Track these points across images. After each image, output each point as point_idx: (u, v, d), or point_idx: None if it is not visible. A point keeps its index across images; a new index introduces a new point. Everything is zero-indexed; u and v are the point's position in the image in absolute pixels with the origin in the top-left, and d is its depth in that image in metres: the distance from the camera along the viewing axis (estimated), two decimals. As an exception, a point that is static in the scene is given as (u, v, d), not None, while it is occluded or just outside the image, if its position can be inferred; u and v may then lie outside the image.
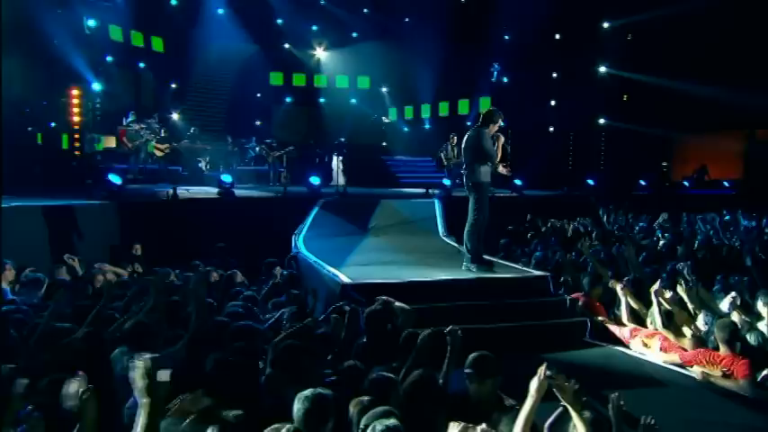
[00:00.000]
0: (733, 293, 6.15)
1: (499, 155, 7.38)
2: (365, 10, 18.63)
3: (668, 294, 6.34)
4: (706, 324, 5.86)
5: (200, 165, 16.54)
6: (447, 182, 14.65)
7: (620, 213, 14.44)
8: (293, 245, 9.27)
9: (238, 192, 12.19)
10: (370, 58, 20.37)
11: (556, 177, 18.05)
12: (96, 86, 14.09)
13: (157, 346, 4.11)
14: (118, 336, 4.20)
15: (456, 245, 8.93)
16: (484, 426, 2.75)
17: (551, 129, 20.18)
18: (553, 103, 19.97)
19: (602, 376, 5.59)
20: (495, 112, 7.44)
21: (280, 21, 19.27)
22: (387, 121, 20.24)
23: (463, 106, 19.72)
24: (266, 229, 10.13)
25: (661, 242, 10.93)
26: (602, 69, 19.76)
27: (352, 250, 8.35)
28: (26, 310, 5.08)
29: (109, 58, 17.87)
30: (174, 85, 19.23)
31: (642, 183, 18.05)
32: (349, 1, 18.48)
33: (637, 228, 12.96)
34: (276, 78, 20.72)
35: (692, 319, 6.22)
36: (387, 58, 20.05)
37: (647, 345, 6.09)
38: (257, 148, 18.57)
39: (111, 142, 16.10)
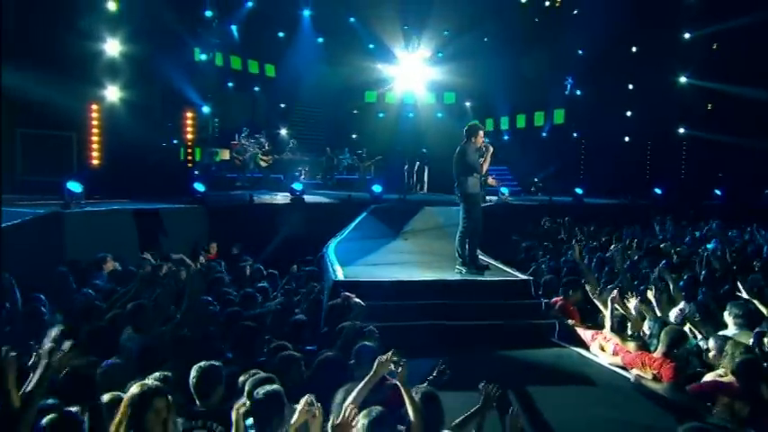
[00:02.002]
0: (682, 304, 6.03)
1: (486, 165, 7.59)
2: (445, 32, 19.00)
3: (633, 301, 6.31)
4: (650, 329, 5.81)
5: (296, 174, 17.91)
6: (505, 190, 14.74)
7: (672, 223, 13.63)
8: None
9: (315, 198, 13.24)
10: (455, 75, 20.70)
11: (627, 186, 17.32)
12: (206, 109, 15.82)
13: (152, 325, 4.97)
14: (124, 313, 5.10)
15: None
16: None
17: (627, 139, 19.28)
18: (629, 113, 19.07)
19: (544, 373, 5.80)
20: (476, 125, 7.66)
21: (371, 45, 20.17)
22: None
23: (539, 118, 19.52)
24: (324, 229, 10.99)
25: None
26: (683, 80, 18.56)
27: (374, 251, 8.93)
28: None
29: (230, 84, 19.91)
30: (282, 105, 20.85)
31: (717, 192, 16.80)
32: (430, 24, 18.96)
33: (687, 237, 12.28)
34: (370, 96, 21.74)
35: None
36: (470, 75, 20.26)
37: (603, 348, 6.15)
38: (350, 159, 19.73)
39: (225, 155, 17.93)
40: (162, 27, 13.29)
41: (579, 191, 15.21)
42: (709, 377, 5.12)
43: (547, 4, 19.09)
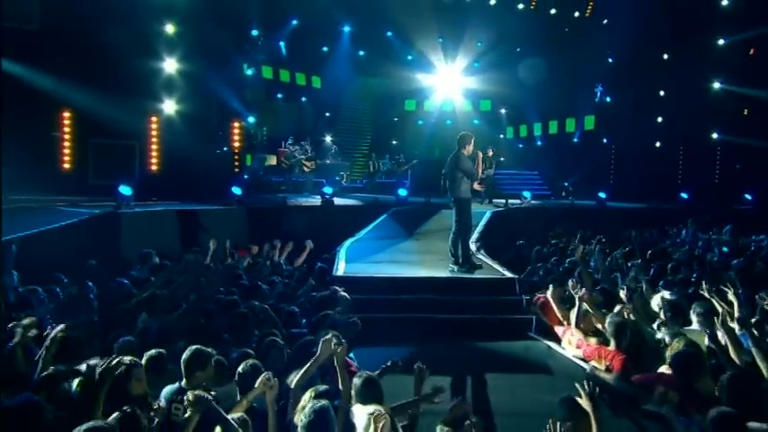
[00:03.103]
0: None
1: (479, 171, 7.97)
2: (478, 44, 19.25)
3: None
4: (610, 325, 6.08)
5: (336, 178, 18.64)
6: (527, 194, 14.89)
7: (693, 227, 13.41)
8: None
9: (345, 200, 13.91)
10: (490, 84, 20.91)
11: (656, 190, 17.06)
12: (251, 119, 16.80)
13: (163, 311, 5.71)
14: (140, 301, 5.88)
15: (474, 251, 9.52)
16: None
17: (658, 144, 18.90)
18: (660, 119, 18.70)
19: (509, 363, 6.20)
20: (466, 135, 8.05)
21: (410, 57, 20.67)
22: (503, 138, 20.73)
23: (570, 124, 19.45)
24: (349, 230, 11.59)
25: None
26: (717, 85, 18.04)
27: (383, 250, 9.46)
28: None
29: (279, 95, 20.94)
30: (327, 114, 21.68)
31: (748, 197, 16.27)
32: (465, 37, 19.26)
33: (700, 241, 12.14)
34: (410, 105, 22.27)
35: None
36: (504, 84, 20.41)
37: (571, 342, 6.47)
38: (389, 164, 20.32)
39: (273, 160, 18.90)
40: (213, 46, 14.24)
41: (602, 195, 15.17)
42: (662, 369, 5.40)
43: (576, 14, 18.99)
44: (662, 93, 18.36)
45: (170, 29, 13.70)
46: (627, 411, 5.06)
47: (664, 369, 5.34)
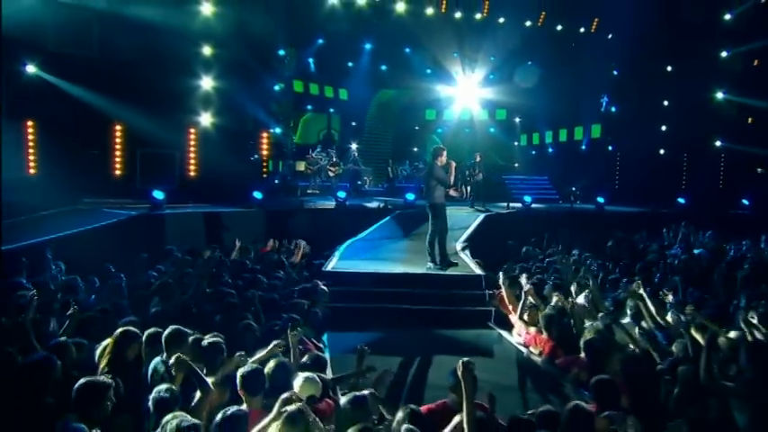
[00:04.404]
0: (556, 295, 6.83)
1: (452, 179, 8.62)
2: (491, 58, 19.76)
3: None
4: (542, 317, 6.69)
5: (358, 183, 19.51)
6: (528, 198, 15.32)
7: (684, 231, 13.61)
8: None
9: (357, 203, 14.76)
10: (505, 94, 21.36)
11: (656, 195, 17.18)
12: (278, 130, 17.88)
13: (174, 298, 6.66)
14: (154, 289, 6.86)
15: (460, 252, 10.14)
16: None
17: (662, 151, 18.95)
18: (664, 128, 18.76)
19: (460, 347, 6.88)
20: (438, 148, 8.76)
21: (429, 70, 21.36)
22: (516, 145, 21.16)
23: (578, 132, 19.74)
24: (357, 230, 12.35)
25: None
26: (719, 95, 17.99)
27: (377, 249, 10.20)
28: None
29: (309, 107, 22.02)
30: (353, 123, 22.62)
31: (745, 202, 16.22)
32: (480, 52, 19.81)
33: (683, 244, 12.38)
34: (430, 114, 22.96)
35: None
36: (517, 95, 20.82)
37: (519, 331, 7.11)
38: (408, 169, 21.08)
39: (301, 166, 19.96)
40: (244, 65, 15.22)
41: (601, 200, 15.48)
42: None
43: (582, 30, 19.26)
44: (666, 102, 18.44)
45: (207, 51, 14.79)
46: (548, 387, 5.73)
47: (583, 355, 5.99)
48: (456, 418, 3.77)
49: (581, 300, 6.83)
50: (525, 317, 6.91)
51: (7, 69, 11.86)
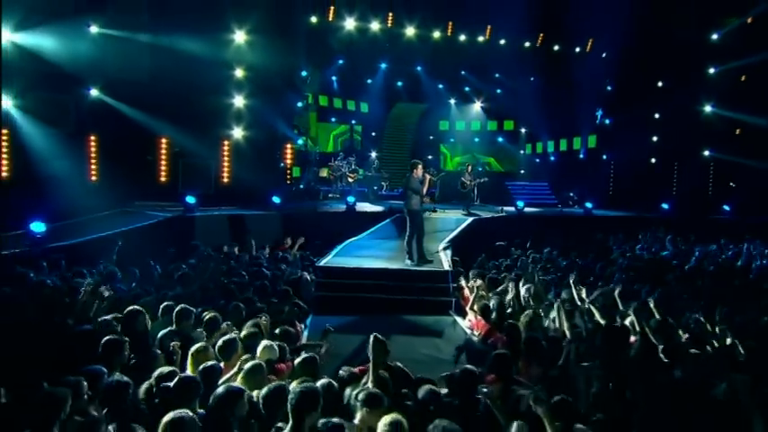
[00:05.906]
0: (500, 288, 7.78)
1: (425, 188, 9.63)
2: (496, 74, 20.56)
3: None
4: (492, 306, 7.68)
5: (375, 188, 20.60)
6: (521, 203, 16.07)
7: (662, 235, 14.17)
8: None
9: (366, 206, 15.90)
10: (511, 107, 22.14)
11: (645, 201, 17.66)
12: (300, 141, 19.23)
13: (191, 286, 7.99)
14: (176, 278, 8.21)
15: (441, 251, 11.10)
16: None
17: (653, 160, 19.37)
18: (655, 138, 19.17)
19: (417, 329, 7.95)
20: (414, 162, 9.77)
21: (440, 86, 22.34)
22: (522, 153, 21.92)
23: (576, 142, 20.32)
24: (361, 232, 13.45)
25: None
26: (708, 108, 18.31)
27: (369, 248, 11.21)
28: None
29: (333, 119, 23.34)
30: (373, 133, 23.81)
31: (726, 208, 16.55)
32: (481, 71, 20.69)
33: (654, 246, 13.02)
34: (443, 125, 23.92)
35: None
36: (521, 107, 21.56)
37: (470, 318, 8.13)
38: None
39: (324, 173, 21.25)
40: (271, 85, 16.61)
41: (589, 205, 16.15)
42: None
43: (578, 49, 19.85)
44: (657, 115, 18.84)
45: (239, 73, 16.23)
46: (478, 360, 6.74)
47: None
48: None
49: (523, 291, 7.80)
50: (475, 306, 7.92)
51: (76, 93, 13.69)
